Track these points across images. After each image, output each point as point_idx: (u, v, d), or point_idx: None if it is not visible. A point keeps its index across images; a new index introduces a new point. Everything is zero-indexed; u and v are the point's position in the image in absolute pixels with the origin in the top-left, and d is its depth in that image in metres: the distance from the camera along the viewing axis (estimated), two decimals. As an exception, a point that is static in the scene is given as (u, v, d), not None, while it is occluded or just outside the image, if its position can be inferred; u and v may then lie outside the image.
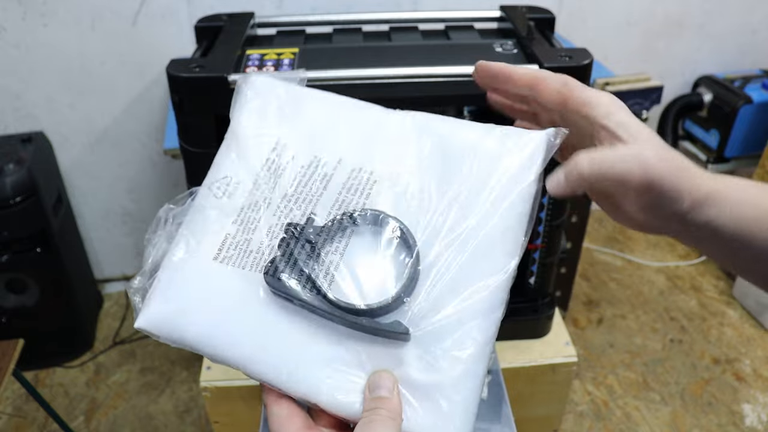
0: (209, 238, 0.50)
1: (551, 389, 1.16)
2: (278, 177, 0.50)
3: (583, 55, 0.84)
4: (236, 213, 0.50)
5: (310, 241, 0.46)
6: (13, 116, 1.84)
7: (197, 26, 0.97)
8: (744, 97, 2.06)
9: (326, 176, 0.50)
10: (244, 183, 0.51)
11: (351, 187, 0.49)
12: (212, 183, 0.53)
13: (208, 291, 0.48)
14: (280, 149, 0.52)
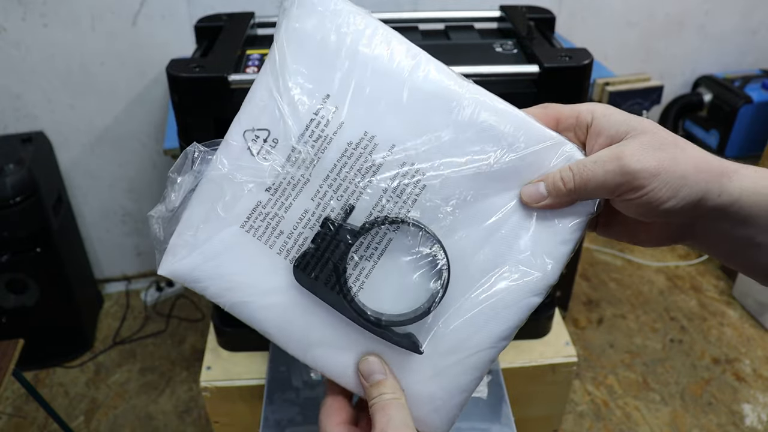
0: (241, 202, 0.45)
1: (551, 389, 1.16)
2: (321, 151, 0.44)
3: (583, 55, 0.84)
4: (271, 180, 0.44)
5: (346, 243, 0.43)
6: (13, 116, 1.85)
7: (197, 26, 0.97)
8: (744, 97, 2.06)
9: (374, 166, 0.44)
10: (284, 145, 0.44)
11: (398, 189, 0.44)
12: (248, 130, 0.45)
13: (233, 258, 0.45)
14: (330, 107, 0.43)
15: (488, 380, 0.94)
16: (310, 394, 0.92)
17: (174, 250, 0.47)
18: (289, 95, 0.43)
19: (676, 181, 0.41)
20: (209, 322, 1.13)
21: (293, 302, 0.46)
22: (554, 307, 1.13)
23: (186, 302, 2.18)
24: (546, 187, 0.44)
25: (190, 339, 2.05)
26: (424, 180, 0.44)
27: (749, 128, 2.09)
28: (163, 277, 1.90)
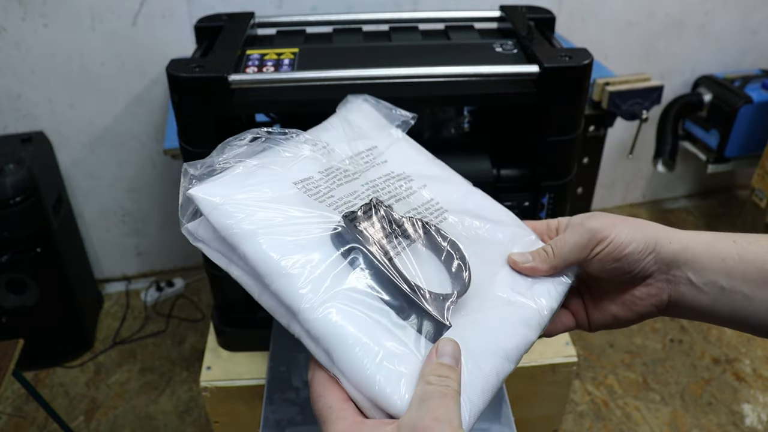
0: (296, 167, 0.52)
1: (551, 389, 1.16)
2: (371, 166, 0.57)
3: (583, 55, 0.84)
4: (326, 168, 0.54)
5: (389, 219, 0.49)
6: (13, 116, 1.84)
7: (197, 26, 0.97)
8: (744, 97, 2.06)
9: (411, 189, 0.57)
10: (340, 154, 0.56)
11: (429, 208, 0.56)
12: (312, 140, 0.57)
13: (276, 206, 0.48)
14: (377, 152, 0.59)
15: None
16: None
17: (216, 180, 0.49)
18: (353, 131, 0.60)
19: (630, 228, 0.51)
20: (209, 322, 1.13)
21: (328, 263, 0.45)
22: (554, 307, 1.13)
23: (186, 302, 2.18)
24: (531, 254, 0.55)
25: (190, 339, 2.04)
26: (447, 213, 0.56)
27: (749, 128, 2.09)
28: (164, 276, 1.88)
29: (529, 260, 0.54)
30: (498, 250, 0.55)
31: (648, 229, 0.52)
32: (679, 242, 0.51)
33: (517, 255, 0.55)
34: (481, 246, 0.54)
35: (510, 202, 0.92)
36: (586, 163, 1.87)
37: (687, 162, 2.51)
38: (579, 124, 0.88)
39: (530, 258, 0.54)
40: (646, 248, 0.51)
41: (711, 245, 0.50)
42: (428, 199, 0.57)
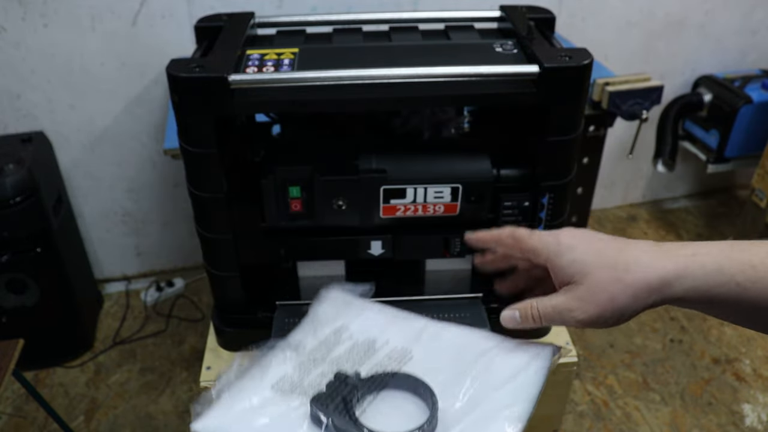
0: (273, 371, 0.66)
1: (551, 389, 1.15)
2: (337, 344, 0.69)
3: (583, 55, 0.84)
4: (298, 362, 0.67)
5: (354, 386, 0.61)
6: (13, 116, 1.84)
7: (197, 26, 0.97)
8: (744, 97, 2.06)
9: (374, 348, 0.68)
10: (308, 346, 0.69)
11: (392, 356, 0.67)
12: (286, 344, 0.70)
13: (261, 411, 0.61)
14: (344, 329, 0.72)
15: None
16: (310, 394, 0.92)
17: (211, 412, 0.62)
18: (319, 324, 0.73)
19: (616, 315, 0.52)
20: (209, 322, 1.12)
21: None
22: (554, 307, 1.13)
23: (186, 302, 2.18)
24: (519, 314, 0.59)
25: (190, 339, 2.04)
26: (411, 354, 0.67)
27: (749, 128, 2.09)
28: (164, 276, 1.89)
29: (518, 322, 0.59)
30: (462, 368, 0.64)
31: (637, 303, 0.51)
32: (674, 297, 0.50)
33: (505, 314, 0.60)
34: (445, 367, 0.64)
35: (510, 202, 0.92)
36: (586, 163, 1.87)
37: (687, 162, 2.51)
38: (579, 124, 0.88)
39: (519, 320, 0.59)
40: (634, 316, 0.52)
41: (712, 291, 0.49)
42: (391, 349, 0.68)
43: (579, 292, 0.53)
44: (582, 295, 0.53)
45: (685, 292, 0.49)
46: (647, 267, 0.50)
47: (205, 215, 0.92)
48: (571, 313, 0.54)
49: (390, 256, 0.98)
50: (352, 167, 0.88)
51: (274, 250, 0.96)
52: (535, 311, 0.57)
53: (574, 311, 0.53)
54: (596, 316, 0.52)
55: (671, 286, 0.49)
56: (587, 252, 0.53)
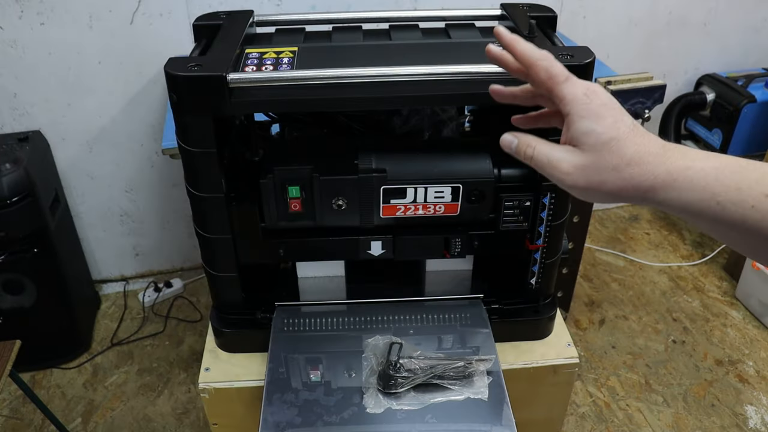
0: None
1: (553, 391, 1.15)
2: None
3: (584, 54, 0.83)
4: None
5: None
6: (10, 115, 1.83)
7: (195, 24, 0.96)
8: (747, 96, 2.05)
9: None
10: None
11: None
12: None
13: None
14: None
15: (489, 381, 0.93)
16: (309, 395, 0.91)
17: None
18: None
19: (601, 197, 0.54)
20: (207, 323, 1.12)
21: None
22: (556, 307, 1.12)
23: (184, 303, 2.17)
24: (517, 143, 0.57)
25: (188, 340, 2.03)
26: None
27: (752, 127, 2.08)
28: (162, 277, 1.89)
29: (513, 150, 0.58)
30: None
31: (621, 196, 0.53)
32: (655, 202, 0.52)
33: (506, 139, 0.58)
34: None
35: (511, 202, 0.91)
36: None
37: (689, 162, 2.50)
38: (582, 123, 0.87)
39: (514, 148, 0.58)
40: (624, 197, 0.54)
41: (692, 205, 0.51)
42: None
43: (578, 159, 0.54)
44: (579, 164, 0.53)
45: (669, 199, 0.52)
46: (645, 170, 0.52)
47: (203, 215, 0.91)
48: (561, 175, 0.54)
49: (390, 256, 0.97)
50: (352, 167, 0.87)
51: (273, 251, 0.95)
52: (530, 150, 0.56)
53: (564, 174, 0.54)
54: (582, 187, 0.54)
55: (656, 192, 0.52)
56: (609, 129, 0.53)
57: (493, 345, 0.98)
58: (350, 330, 1.00)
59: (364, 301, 1.04)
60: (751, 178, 0.49)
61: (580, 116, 0.54)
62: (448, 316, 1.02)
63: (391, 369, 0.87)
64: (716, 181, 0.49)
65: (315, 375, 0.95)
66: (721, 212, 0.49)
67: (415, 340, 0.96)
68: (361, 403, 0.88)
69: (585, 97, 0.54)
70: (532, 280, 1.03)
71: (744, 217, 0.48)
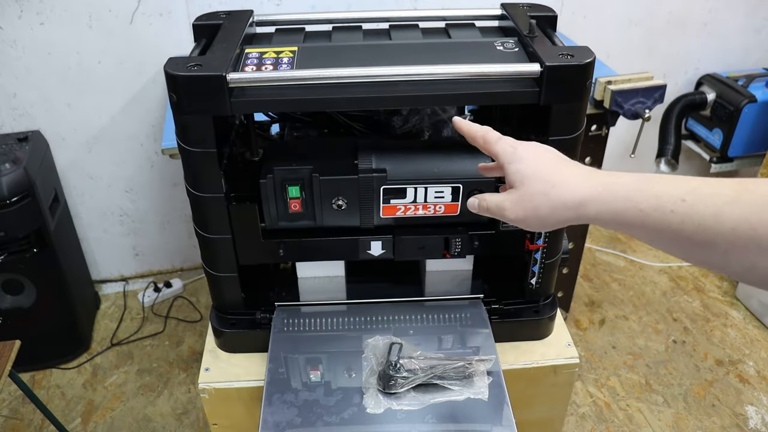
0: None
1: (553, 391, 1.15)
2: None
3: (584, 54, 0.83)
4: None
5: None
6: (10, 115, 1.83)
7: (195, 24, 0.96)
8: (748, 95, 2.04)
9: None
10: None
11: None
12: None
13: None
14: None
15: (489, 382, 0.93)
16: (309, 396, 0.91)
17: None
18: None
19: (538, 222, 0.63)
20: (207, 323, 1.11)
21: None
22: (556, 308, 1.12)
23: (184, 303, 2.17)
24: (477, 202, 0.69)
25: (188, 340, 2.03)
26: None
27: (753, 127, 2.08)
28: (161, 277, 1.89)
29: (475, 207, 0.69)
30: None
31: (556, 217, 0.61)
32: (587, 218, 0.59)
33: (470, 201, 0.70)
34: None
35: (512, 203, 0.91)
36: (589, 163, 1.86)
37: (690, 161, 2.50)
38: (581, 123, 0.87)
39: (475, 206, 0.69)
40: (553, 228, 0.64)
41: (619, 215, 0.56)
42: None
43: (514, 195, 0.64)
44: (515, 199, 0.63)
45: (597, 213, 0.58)
46: (570, 188, 0.60)
47: (203, 215, 0.90)
48: (504, 211, 0.64)
49: (390, 256, 0.96)
50: (352, 167, 0.87)
51: (273, 251, 0.95)
52: (484, 203, 0.67)
53: (506, 210, 0.64)
54: (522, 218, 0.63)
55: (585, 206, 0.58)
56: (531, 165, 0.63)
57: (493, 345, 0.98)
58: (350, 330, 1.00)
59: (364, 301, 1.04)
60: (667, 185, 0.54)
61: (509, 162, 0.65)
62: (448, 316, 1.02)
63: (391, 369, 0.87)
64: (637, 191, 0.55)
65: (315, 375, 0.95)
66: (646, 219, 0.54)
67: (415, 340, 0.96)
68: (361, 404, 0.87)
69: (511, 148, 0.66)
70: (532, 280, 1.03)
71: (667, 222, 0.52)
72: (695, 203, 0.51)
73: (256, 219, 0.91)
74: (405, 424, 0.85)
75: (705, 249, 0.51)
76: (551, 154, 0.65)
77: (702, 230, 0.51)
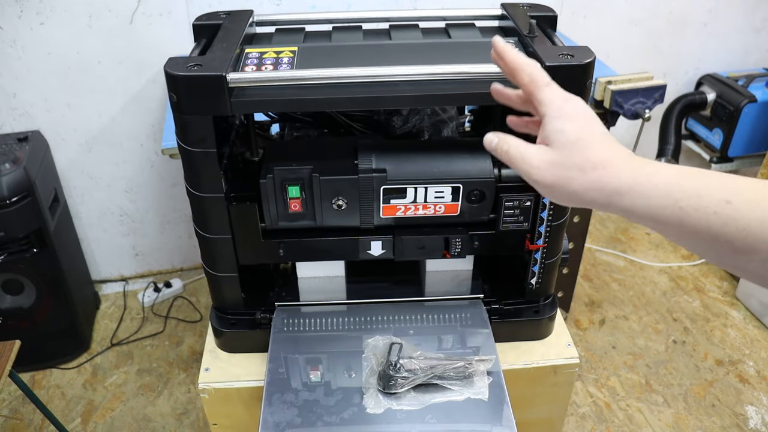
0: None
1: (553, 391, 1.15)
2: None
3: (584, 54, 0.83)
4: None
5: None
6: (10, 115, 1.83)
7: (195, 24, 0.96)
8: (748, 95, 2.05)
9: None
10: None
11: None
12: None
13: None
14: None
15: (489, 382, 0.93)
16: (309, 396, 0.91)
17: None
18: None
19: (567, 196, 0.55)
20: (207, 323, 1.11)
21: None
22: (556, 308, 1.12)
23: (184, 303, 2.16)
24: (495, 144, 0.59)
25: (188, 340, 2.03)
26: None
27: (753, 127, 2.08)
28: (161, 277, 1.89)
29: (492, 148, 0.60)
30: None
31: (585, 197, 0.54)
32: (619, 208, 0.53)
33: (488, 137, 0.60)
34: None
35: (511, 202, 0.91)
36: (588, 162, 1.86)
37: (690, 161, 2.50)
38: (582, 123, 0.87)
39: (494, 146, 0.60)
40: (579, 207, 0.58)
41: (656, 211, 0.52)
42: None
43: (548, 155, 0.55)
44: (548, 159, 0.55)
45: (631, 205, 0.52)
46: (610, 173, 0.53)
47: (203, 215, 0.90)
48: (530, 169, 0.56)
49: (390, 256, 0.96)
50: (352, 167, 0.87)
51: (273, 251, 0.95)
52: (506, 146, 0.58)
53: (533, 168, 0.56)
54: (549, 183, 0.55)
55: (621, 196, 0.53)
56: (578, 130, 0.55)
57: (493, 345, 0.98)
58: (350, 330, 1.00)
59: (364, 301, 1.04)
60: (711, 184, 0.50)
61: (553, 117, 0.57)
62: (448, 317, 1.02)
63: (391, 369, 0.87)
64: (678, 186, 0.51)
65: (315, 375, 0.95)
66: (685, 218, 0.50)
67: (415, 341, 0.96)
68: (361, 404, 0.87)
69: (561, 101, 0.57)
70: (532, 280, 1.03)
71: (707, 224, 0.49)
72: (740, 206, 0.48)
73: (256, 219, 0.91)
74: (405, 424, 0.85)
75: (744, 255, 0.49)
76: (599, 127, 0.57)
77: (744, 236, 0.48)
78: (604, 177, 0.53)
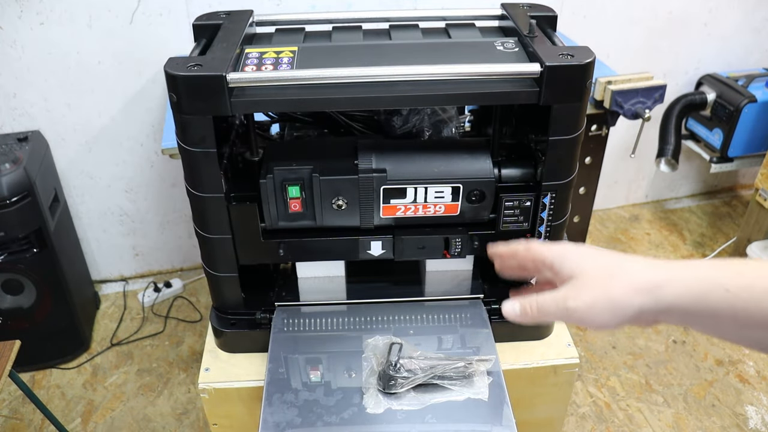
0: None
1: (553, 391, 1.15)
2: None
3: (584, 54, 0.83)
4: None
5: None
6: (10, 115, 1.83)
7: (195, 24, 0.96)
8: (748, 95, 2.04)
9: None
10: None
11: None
12: None
13: None
14: None
15: (489, 382, 0.93)
16: (309, 396, 0.91)
17: None
18: None
19: (609, 306, 0.53)
20: (207, 323, 1.11)
21: None
22: (556, 308, 1.12)
23: (184, 303, 2.16)
24: (520, 308, 0.59)
25: (188, 340, 2.03)
26: None
27: (753, 127, 2.08)
28: (161, 277, 1.89)
29: (517, 314, 0.59)
30: None
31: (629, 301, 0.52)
32: (666, 303, 0.51)
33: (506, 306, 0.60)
34: None
35: (511, 202, 0.91)
36: (589, 162, 1.86)
37: (690, 161, 2.50)
38: (581, 123, 0.87)
39: (518, 312, 0.59)
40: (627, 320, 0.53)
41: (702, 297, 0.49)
42: None
43: (576, 282, 0.56)
44: (578, 284, 0.56)
45: (676, 296, 0.50)
46: (639, 270, 0.53)
47: (203, 215, 0.90)
48: (566, 301, 0.55)
49: (390, 256, 0.96)
50: (352, 167, 0.87)
51: (273, 251, 0.95)
52: (533, 302, 0.58)
53: (569, 298, 0.55)
54: (590, 302, 0.54)
55: (662, 288, 0.51)
56: (587, 256, 0.57)
57: (493, 345, 0.98)
58: (350, 330, 1.00)
59: (364, 301, 1.04)
60: (748, 264, 0.49)
61: (561, 258, 0.59)
62: (448, 317, 1.02)
63: (391, 369, 0.87)
64: (717, 270, 0.49)
65: (315, 375, 0.95)
66: (735, 302, 0.47)
67: (415, 340, 0.96)
68: (361, 404, 0.87)
69: (558, 246, 0.60)
70: (532, 280, 1.03)
71: (759, 305, 0.46)
72: None
73: (256, 219, 0.91)
74: (405, 424, 0.85)
75: None
76: (602, 250, 0.59)
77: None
78: (636, 275, 0.52)
